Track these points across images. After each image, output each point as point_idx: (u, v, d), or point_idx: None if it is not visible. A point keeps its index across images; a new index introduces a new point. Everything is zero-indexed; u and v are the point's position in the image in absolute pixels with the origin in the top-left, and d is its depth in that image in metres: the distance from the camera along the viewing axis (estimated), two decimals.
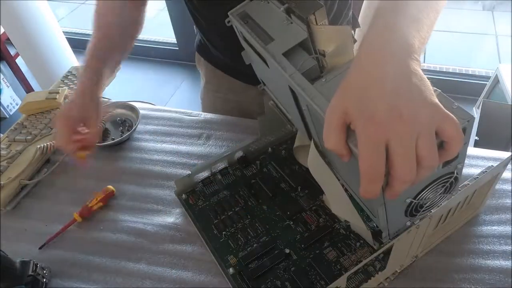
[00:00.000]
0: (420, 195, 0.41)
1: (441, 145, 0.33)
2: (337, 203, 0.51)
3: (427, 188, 0.41)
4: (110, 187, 0.69)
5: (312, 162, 0.48)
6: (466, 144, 0.37)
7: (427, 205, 0.44)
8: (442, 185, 0.42)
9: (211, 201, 0.65)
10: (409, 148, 0.31)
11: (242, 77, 0.84)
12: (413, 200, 0.41)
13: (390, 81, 0.33)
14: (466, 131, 0.35)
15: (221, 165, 0.70)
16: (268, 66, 0.49)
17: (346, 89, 0.35)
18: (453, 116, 0.32)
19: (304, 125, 0.53)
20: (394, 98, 0.32)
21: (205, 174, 0.69)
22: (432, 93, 0.33)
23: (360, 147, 0.32)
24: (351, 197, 0.48)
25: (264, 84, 0.62)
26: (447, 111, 0.32)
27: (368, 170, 0.32)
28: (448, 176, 0.41)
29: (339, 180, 0.47)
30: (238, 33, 0.53)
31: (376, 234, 0.53)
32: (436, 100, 0.33)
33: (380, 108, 0.32)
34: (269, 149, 0.72)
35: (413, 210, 0.43)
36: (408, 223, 0.46)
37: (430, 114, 0.32)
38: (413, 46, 0.36)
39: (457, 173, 0.41)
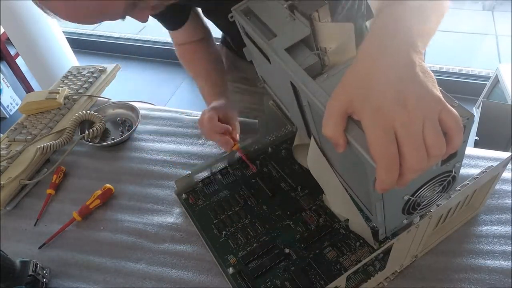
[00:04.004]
0: (417, 193, 0.41)
1: None
2: (337, 200, 0.51)
3: (425, 186, 0.41)
4: (108, 185, 0.69)
5: (312, 159, 0.48)
6: (465, 142, 0.37)
7: (424, 203, 0.44)
8: (439, 183, 0.42)
9: (211, 201, 0.65)
10: (416, 136, 0.31)
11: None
12: (411, 198, 0.41)
13: (394, 70, 0.33)
14: (465, 129, 0.35)
15: (221, 165, 0.70)
16: (270, 62, 0.49)
17: (350, 77, 0.36)
18: (453, 109, 0.32)
19: (304, 123, 0.53)
20: (398, 86, 0.32)
21: (205, 174, 0.69)
22: (434, 86, 0.33)
23: (369, 135, 0.32)
24: (350, 196, 0.48)
25: (264, 82, 0.62)
26: (448, 104, 0.32)
27: (382, 158, 0.32)
28: (446, 174, 0.41)
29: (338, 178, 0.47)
30: (241, 29, 0.53)
31: (376, 234, 0.53)
32: (438, 92, 0.33)
33: (385, 97, 0.32)
34: (269, 149, 0.72)
35: (410, 208, 0.43)
36: (405, 221, 0.46)
37: (432, 104, 0.32)
38: (416, 40, 0.36)
39: (455, 172, 0.41)
